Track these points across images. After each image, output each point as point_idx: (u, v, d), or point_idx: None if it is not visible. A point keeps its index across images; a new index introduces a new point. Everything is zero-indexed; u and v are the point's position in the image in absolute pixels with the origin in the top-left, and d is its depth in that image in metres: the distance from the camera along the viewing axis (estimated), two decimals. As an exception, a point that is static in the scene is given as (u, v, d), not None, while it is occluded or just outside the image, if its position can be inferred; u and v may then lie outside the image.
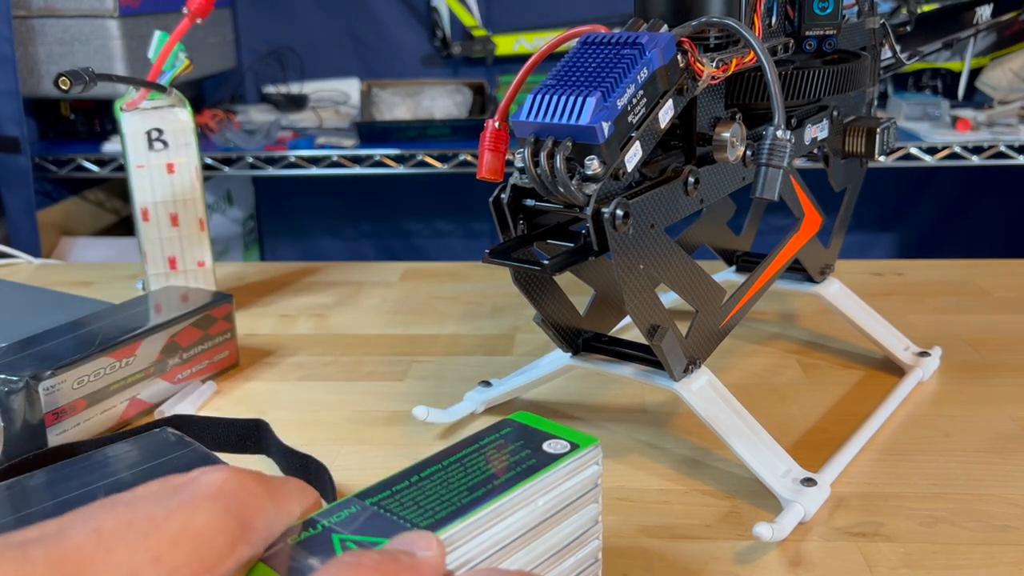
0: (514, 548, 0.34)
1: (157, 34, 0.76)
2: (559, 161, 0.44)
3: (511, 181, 0.50)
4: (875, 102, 0.68)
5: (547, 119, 0.44)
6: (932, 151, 1.80)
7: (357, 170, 1.85)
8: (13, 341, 0.60)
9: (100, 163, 1.82)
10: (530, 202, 0.50)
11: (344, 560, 0.27)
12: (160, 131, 0.76)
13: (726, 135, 0.51)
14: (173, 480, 0.29)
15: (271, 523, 0.29)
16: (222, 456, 0.50)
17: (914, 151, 1.80)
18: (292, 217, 2.36)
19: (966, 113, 1.88)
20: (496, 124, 0.50)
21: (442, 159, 1.84)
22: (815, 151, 0.62)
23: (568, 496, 0.36)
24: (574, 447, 0.37)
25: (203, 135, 1.83)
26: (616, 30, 0.47)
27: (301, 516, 0.31)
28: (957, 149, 1.79)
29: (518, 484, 0.34)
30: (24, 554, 0.24)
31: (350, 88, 2.10)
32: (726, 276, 0.76)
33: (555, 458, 0.36)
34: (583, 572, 0.39)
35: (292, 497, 0.31)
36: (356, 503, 0.33)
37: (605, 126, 0.43)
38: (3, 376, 0.55)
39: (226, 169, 1.86)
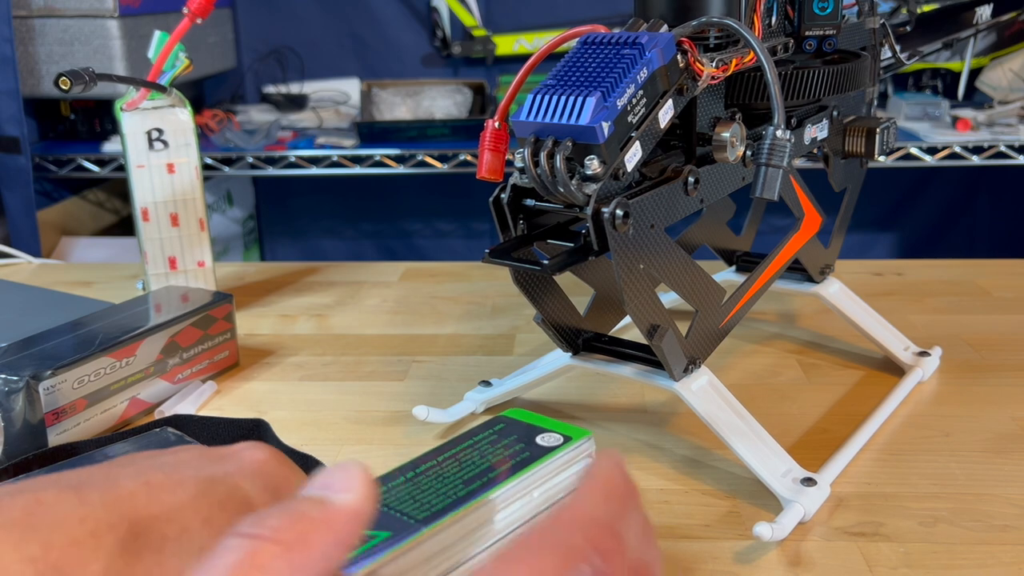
0: (509, 540, 0.34)
1: (157, 34, 0.76)
2: (559, 161, 0.44)
3: (511, 181, 0.50)
4: (875, 102, 0.68)
5: (547, 119, 0.44)
6: (932, 151, 1.80)
7: (357, 170, 1.85)
8: (13, 341, 0.60)
9: (100, 163, 1.82)
10: (530, 202, 0.50)
11: (239, 533, 0.22)
12: (160, 131, 0.76)
13: (726, 135, 0.51)
14: (215, 451, 0.28)
15: None
16: (222, 456, 0.50)
17: (914, 151, 1.80)
18: (292, 217, 2.36)
19: (966, 113, 1.88)
20: (496, 124, 0.50)
21: (442, 159, 1.84)
22: (815, 151, 0.62)
23: (563, 488, 0.36)
24: (567, 440, 0.37)
25: (203, 135, 1.83)
26: (616, 30, 0.47)
27: None
28: (957, 149, 1.79)
29: (513, 476, 0.34)
30: (80, 496, 0.24)
31: (350, 88, 2.10)
32: (726, 276, 0.76)
33: (548, 450, 0.36)
34: None
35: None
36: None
37: (605, 126, 0.43)
38: (3, 376, 0.55)
39: (226, 169, 1.86)
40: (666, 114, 0.47)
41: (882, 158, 0.85)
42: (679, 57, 0.47)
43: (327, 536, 0.22)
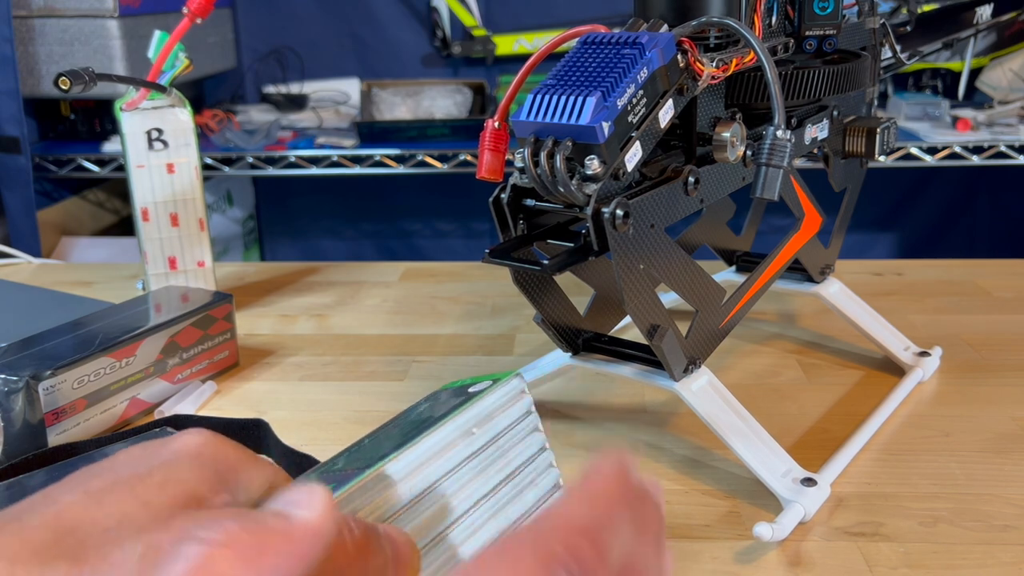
0: (463, 481, 0.35)
1: (157, 34, 0.76)
2: (559, 161, 0.44)
3: (511, 181, 0.50)
4: (875, 102, 0.68)
5: (547, 119, 0.44)
6: (932, 151, 1.80)
7: (357, 170, 1.85)
8: (13, 341, 0.60)
9: (100, 163, 1.82)
10: (530, 202, 0.50)
11: (196, 537, 0.22)
12: (160, 131, 0.76)
13: (726, 135, 0.51)
14: (152, 444, 0.29)
15: (247, 485, 0.30)
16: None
17: (914, 151, 1.80)
18: (292, 217, 2.36)
19: (966, 113, 1.88)
20: (496, 124, 0.50)
21: (442, 159, 1.84)
22: (815, 151, 0.62)
23: (504, 426, 0.37)
24: (494, 383, 0.38)
25: (203, 135, 1.83)
26: (616, 30, 0.47)
27: (271, 488, 0.32)
28: (957, 149, 1.79)
29: (445, 418, 0.35)
30: (21, 523, 0.25)
31: (350, 88, 2.10)
32: (726, 276, 0.76)
33: (476, 394, 0.37)
34: (548, 502, 0.39)
35: (264, 468, 0.31)
36: (303, 479, 0.33)
37: (605, 126, 0.43)
38: (3, 376, 0.55)
39: (226, 169, 1.86)
40: (666, 114, 0.47)
41: (882, 158, 0.85)
42: (679, 57, 0.47)
43: (283, 547, 0.23)
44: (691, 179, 0.51)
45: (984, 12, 0.80)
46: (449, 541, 0.34)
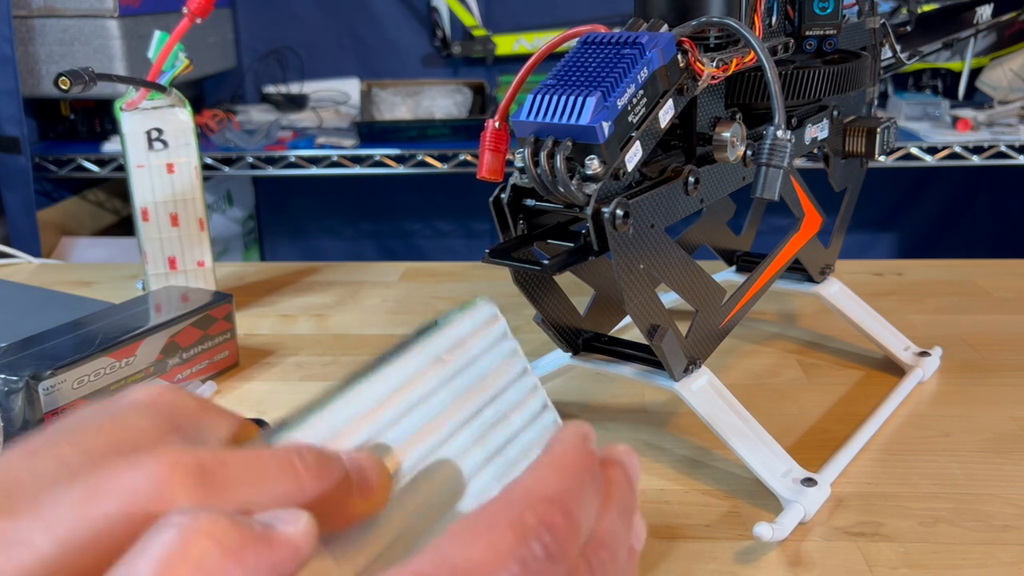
0: (439, 408, 0.34)
1: (157, 34, 0.76)
2: (559, 161, 0.44)
3: (511, 181, 0.50)
4: (875, 102, 0.68)
5: (547, 119, 0.44)
6: (932, 151, 1.80)
7: (357, 170, 1.85)
8: (13, 341, 0.60)
9: (100, 163, 1.82)
10: (530, 202, 0.50)
11: (173, 523, 0.22)
12: (160, 131, 0.76)
13: (726, 135, 0.51)
14: (109, 399, 0.29)
15: (207, 434, 0.29)
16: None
17: (914, 151, 1.80)
18: (292, 217, 2.36)
19: (966, 113, 1.88)
20: (496, 124, 0.50)
21: (442, 159, 1.84)
22: (815, 151, 0.62)
23: (479, 350, 0.36)
24: (463, 309, 0.37)
25: (203, 135, 1.83)
26: (616, 30, 0.47)
27: (235, 439, 0.31)
28: (957, 149, 1.79)
29: (412, 345, 0.34)
30: None
31: (350, 88, 2.10)
32: (726, 276, 0.75)
33: (444, 320, 0.36)
34: (544, 433, 0.38)
35: (227, 418, 0.30)
36: (270, 430, 0.33)
37: (605, 126, 0.43)
38: (3, 376, 0.55)
39: (226, 169, 1.86)
40: (666, 114, 0.47)
41: (882, 158, 0.85)
42: (679, 57, 0.47)
43: (262, 551, 0.22)
44: (691, 179, 0.51)
45: (984, 12, 0.80)
46: (432, 468, 0.33)
